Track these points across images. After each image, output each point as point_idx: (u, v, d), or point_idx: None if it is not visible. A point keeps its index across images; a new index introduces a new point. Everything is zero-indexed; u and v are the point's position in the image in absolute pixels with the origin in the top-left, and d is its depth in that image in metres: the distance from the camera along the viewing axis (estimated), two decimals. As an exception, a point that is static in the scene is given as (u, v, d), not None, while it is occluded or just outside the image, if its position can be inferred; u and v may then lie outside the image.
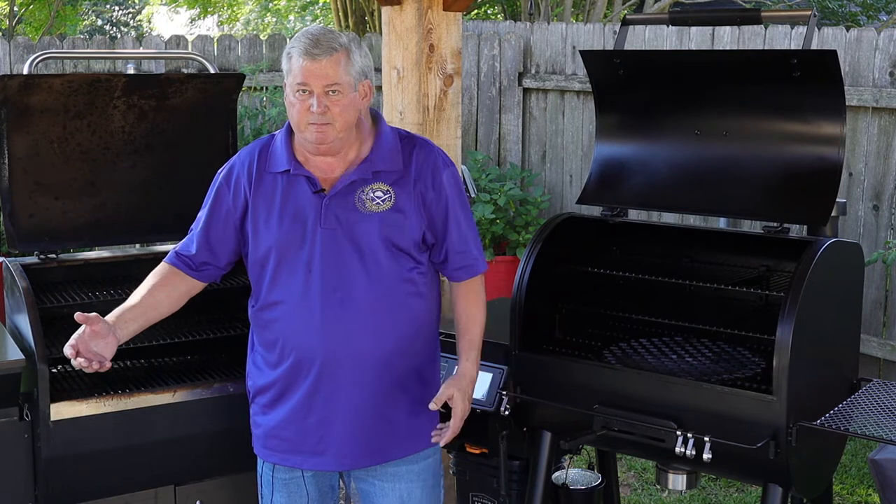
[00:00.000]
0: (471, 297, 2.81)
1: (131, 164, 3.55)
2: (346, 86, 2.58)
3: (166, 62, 7.06)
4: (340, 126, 2.60)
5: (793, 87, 2.86)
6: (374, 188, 2.67)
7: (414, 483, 2.79)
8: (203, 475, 3.30)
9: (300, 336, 2.68)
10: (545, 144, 7.46)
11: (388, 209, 2.66)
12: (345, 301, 2.64)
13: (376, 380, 2.69)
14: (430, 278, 2.78)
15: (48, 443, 3.03)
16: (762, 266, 3.16)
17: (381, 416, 2.71)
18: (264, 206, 2.70)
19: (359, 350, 2.66)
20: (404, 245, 2.68)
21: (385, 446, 2.74)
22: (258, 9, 16.62)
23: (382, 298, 2.66)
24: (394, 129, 2.78)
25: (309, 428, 2.72)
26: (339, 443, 2.71)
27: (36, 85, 3.28)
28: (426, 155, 2.73)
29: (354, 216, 2.65)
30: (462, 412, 2.74)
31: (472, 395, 2.79)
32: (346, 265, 2.65)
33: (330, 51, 2.56)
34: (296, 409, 2.72)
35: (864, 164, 5.67)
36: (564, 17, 9.25)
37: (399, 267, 2.68)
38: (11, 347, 3.17)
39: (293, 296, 2.68)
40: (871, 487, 4.70)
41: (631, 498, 4.64)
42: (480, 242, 2.84)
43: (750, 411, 2.64)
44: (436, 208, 2.71)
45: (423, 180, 2.70)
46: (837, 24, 9.72)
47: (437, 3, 3.52)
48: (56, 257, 3.45)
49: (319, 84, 2.56)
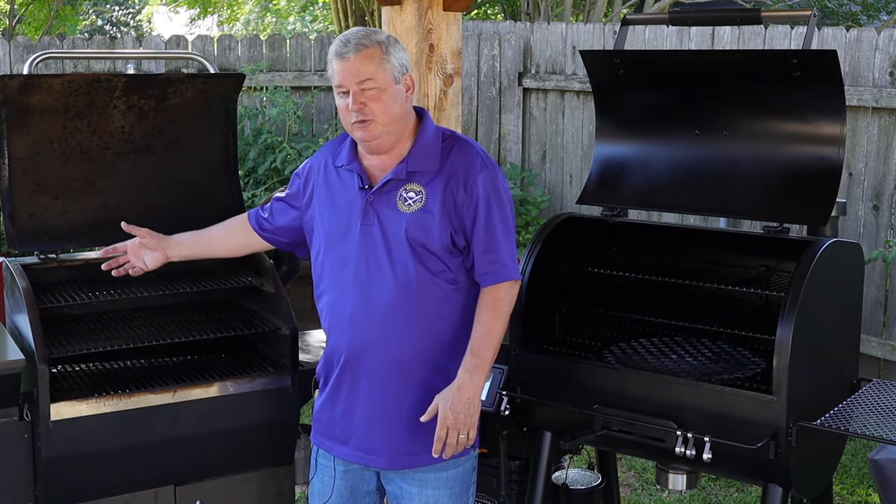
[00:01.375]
0: (486, 302, 2.68)
1: (131, 164, 3.55)
2: (384, 80, 2.60)
3: (166, 62, 7.06)
4: (384, 120, 2.62)
5: (793, 87, 2.86)
6: (408, 188, 2.68)
7: (441, 490, 2.76)
8: (203, 475, 3.30)
9: (334, 328, 2.77)
10: (545, 144, 7.46)
11: (417, 210, 2.66)
12: (370, 299, 2.67)
13: (397, 381, 2.69)
14: (462, 285, 2.71)
15: (48, 443, 3.03)
16: (762, 266, 3.16)
17: (401, 418, 2.70)
18: (326, 199, 2.79)
19: (379, 349, 2.68)
20: (432, 247, 2.65)
21: (408, 451, 2.73)
22: (258, 9, 16.62)
23: (406, 300, 2.65)
24: (437, 129, 2.76)
25: (336, 417, 2.80)
26: (361, 437, 2.75)
27: (36, 85, 3.28)
28: (464, 155, 2.70)
29: (391, 215, 2.67)
30: (444, 420, 2.62)
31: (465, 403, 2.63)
32: (376, 263, 2.67)
33: (360, 47, 2.60)
34: (328, 396, 2.83)
35: (864, 164, 5.67)
36: (564, 17, 9.25)
37: (426, 270, 2.66)
38: (11, 347, 3.17)
39: (333, 288, 2.76)
40: (871, 487, 4.70)
41: (631, 498, 4.64)
42: (516, 252, 2.74)
43: (750, 411, 2.64)
44: (466, 210, 2.67)
45: (456, 181, 2.67)
46: (837, 24, 9.72)
47: (437, 3, 3.52)
48: (56, 257, 3.45)
49: (352, 82, 2.60)
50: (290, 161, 6.72)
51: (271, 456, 3.37)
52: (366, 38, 2.63)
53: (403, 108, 2.67)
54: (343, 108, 2.64)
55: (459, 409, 2.63)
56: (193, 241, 3.07)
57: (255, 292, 3.56)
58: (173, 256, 3.03)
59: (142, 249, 2.99)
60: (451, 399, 2.64)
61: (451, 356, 2.72)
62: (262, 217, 3.00)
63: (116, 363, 3.50)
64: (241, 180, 4.24)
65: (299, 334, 3.42)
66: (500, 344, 2.71)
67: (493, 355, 2.69)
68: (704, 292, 3.14)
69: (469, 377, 2.65)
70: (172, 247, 3.02)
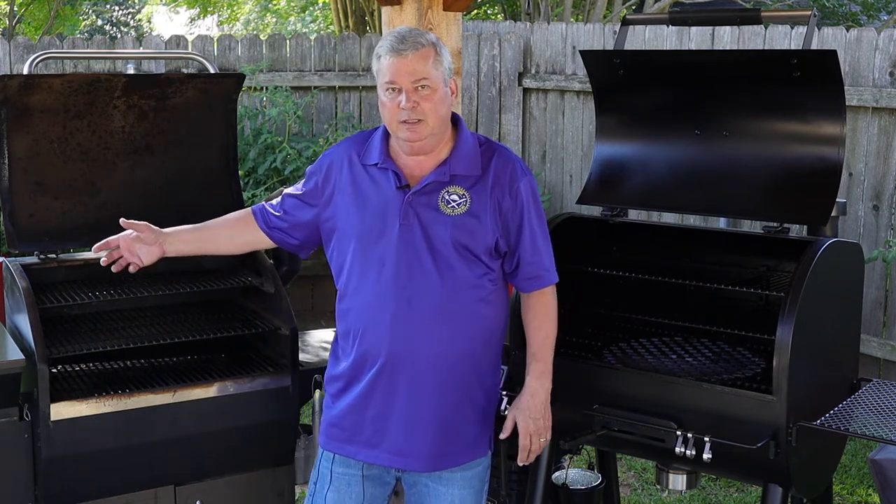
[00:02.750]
0: (539, 308, 2.76)
1: (131, 164, 3.55)
2: (437, 80, 2.60)
3: (166, 62, 7.06)
4: (434, 122, 2.61)
5: (793, 87, 2.86)
6: (451, 191, 2.67)
7: (466, 490, 2.78)
8: (203, 475, 3.30)
9: (369, 330, 2.69)
10: (545, 144, 7.46)
11: (462, 213, 2.65)
12: (413, 301, 2.64)
13: (436, 383, 2.68)
14: (500, 287, 2.74)
15: (48, 443, 3.03)
16: (762, 266, 3.16)
17: (439, 420, 2.70)
18: (353, 196, 2.73)
19: (422, 351, 2.65)
20: (476, 250, 2.66)
21: (445, 453, 2.73)
22: (258, 9, 16.61)
23: (451, 302, 2.65)
24: (473, 135, 2.77)
25: (366, 420, 2.73)
26: (394, 439, 2.71)
27: (36, 85, 3.28)
28: (505, 162, 2.72)
29: (433, 216, 2.65)
30: (527, 429, 2.73)
31: (541, 409, 2.74)
32: (418, 264, 2.64)
33: (417, 45, 2.58)
34: (357, 400, 2.73)
35: (864, 164, 5.67)
36: (564, 17, 9.25)
37: (470, 272, 2.66)
38: (11, 347, 3.17)
39: (366, 289, 2.69)
40: (871, 487, 4.70)
41: (631, 498, 4.64)
42: (553, 256, 2.79)
43: (750, 411, 2.64)
44: (511, 215, 2.69)
45: (501, 186, 2.68)
46: (837, 23, 9.72)
47: (437, 3, 3.52)
48: (56, 257, 3.45)
49: (408, 80, 2.58)
50: (290, 161, 6.72)
51: (271, 456, 3.38)
52: (422, 37, 2.61)
53: (449, 110, 2.67)
54: (392, 106, 2.60)
55: (538, 415, 2.74)
56: (193, 236, 2.88)
57: (255, 292, 3.57)
58: (170, 252, 2.83)
59: (137, 244, 2.79)
60: (528, 408, 2.73)
61: (487, 357, 2.74)
62: (271, 214, 2.85)
63: (116, 363, 3.50)
64: (241, 180, 4.24)
65: (299, 334, 3.42)
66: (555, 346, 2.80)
67: (553, 357, 2.78)
68: (704, 292, 3.14)
69: (539, 383, 2.75)
70: (170, 242, 2.82)
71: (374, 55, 2.65)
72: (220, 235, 2.90)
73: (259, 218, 2.87)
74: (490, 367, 2.76)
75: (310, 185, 2.81)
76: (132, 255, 2.78)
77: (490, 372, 2.76)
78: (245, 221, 2.89)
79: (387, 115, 2.63)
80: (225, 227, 2.91)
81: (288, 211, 2.83)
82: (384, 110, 2.63)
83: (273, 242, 2.89)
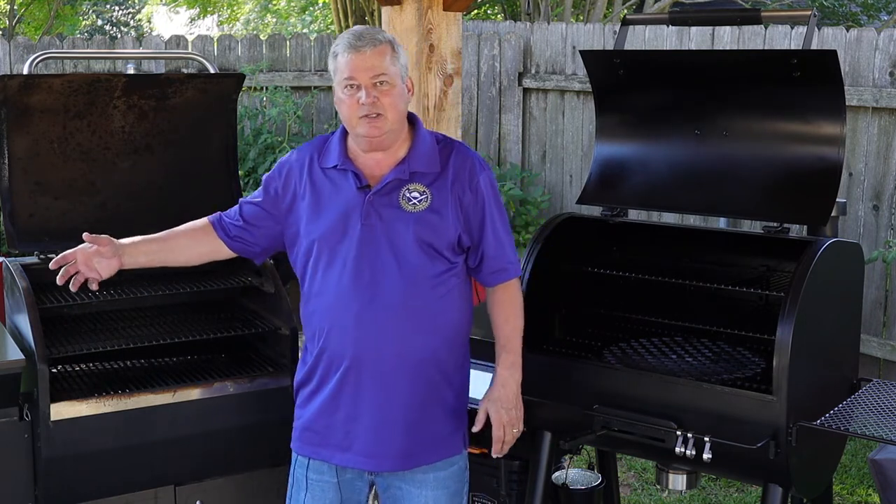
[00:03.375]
0: (506, 301, 2.78)
1: (131, 164, 3.56)
2: (395, 76, 2.62)
3: (166, 62, 7.06)
4: (393, 117, 2.62)
5: (793, 87, 2.86)
6: (412, 189, 2.68)
7: (440, 490, 2.77)
8: (203, 475, 3.30)
9: (334, 331, 2.69)
10: (545, 144, 7.46)
11: (424, 210, 2.66)
12: (376, 300, 2.65)
13: (403, 381, 2.68)
14: (463, 283, 2.76)
15: (48, 443, 3.03)
16: (762, 266, 3.16)
17: (409, 419, 2.70)
18: (313, 200, 2.73)
19: (387, 350, 2.65)
20: (440, 246, 2.67)
21: (414, 452, 2.73)
22: (258, 9, 16.62)
23: (414, 299, 2.65)
24: (430, 132, 2.79)
25: (336, 423, 2.73)
26: (365, 441, 2.71)
27: (36, 85, 3.28)
28: (464, 158, 2.74)
29: (395, 214, 2.66)
30: (500, 420, 2.73)
31: (513, 399, 2.75)
32: (381, 263, 2.65)
33: (374, 42, 2.60)
34: (326, 402, 2.73)
35: (864, 164, 5.67)
36: (564, 17, 9.25)
37: (433, 268, 2.67)
38: (11, 347, 3.17)
39: (330, 291, 2.69)
40: (871, 487, 4.70)
41: (631, 498, 4.64)
42: (515, 247, 2.82)
43: (750, 411, 2.64)
44: (473, 210, 2.70)
45: (461, 182, 2.70)
46: (837, 24, 9.72)
47: (437, 3, 3.52)
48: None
49: (366, 76, 2.59)
50: (290, 161, 6.72)
51: (271, 456, 3.38)
52: (379, 34, 2.64)
53: (406, 107, 2.69)
54: (351, 102, 2.61)
55: (511, 405, 2.75)
56: (152, 248, 2.80)
57: (255, 292, 3.57)
58: (129, 264, 2.76)
59: (95, 257, 2.69)
60: (500, 399, 2.74)
61: (453, 353, 2.75)
62: (230, 224, 2.82)
63: (116, 363, 3.50)
64: (241, 180, 4.25)
65: (299, 334, 3.42)
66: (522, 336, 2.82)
67: (521, 348, 2.79)
68: (704, 292, 3.14)
69: (510, 373, 2.76)
70: (129, 254, 2.75)
71: (331, 54, 2.65)
72: (179, 246, 2.84)
73: (218, 228, 2.83)
74: (457, 363, 2.76)
75: (269, 193, 2.80)
76: (90, 270, 2.69)
77: (457, 368, 2.77)
78: (204, 231, 2.84)
79: (345, 112, 2.64)
80: (184, 237, 2.85)
81: (248, 220, 2.81)
82: (342, 107, 2.64)
83: (233, 252, 2.85)
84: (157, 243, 2.81)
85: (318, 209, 2.72)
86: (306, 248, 2.74)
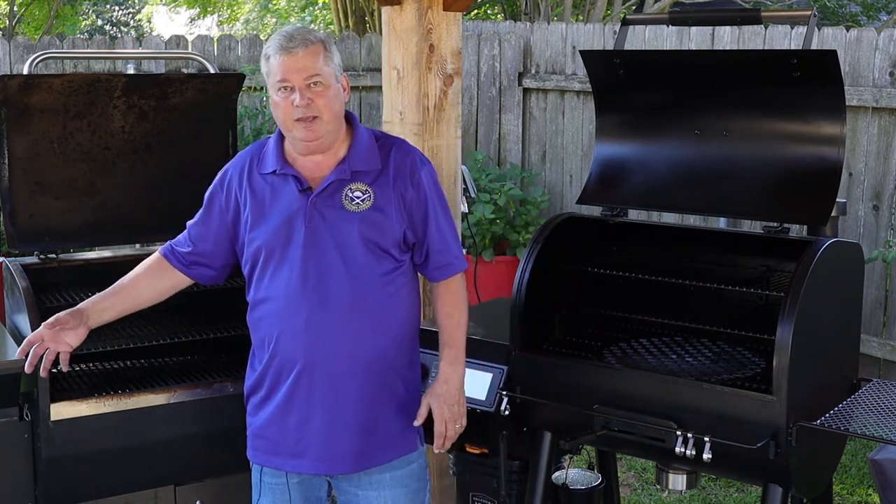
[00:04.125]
0: (449, 296, 2.77)
1: (131, 164, 3.56)
2: (328, 77, 2.58)
3: (166, 62, 7.06)
4: (328, 118, 2.59)
5: (793, 87, 2.86)
6: (354, 188, 2.65)
7: (398, 489, 2.76)
8: (203, 475, 3.30)
9: (284, 336, 2.67)
10: (545, 144, 7.46)
11: (367, 209, 2.64)
12: (325, 302, 2.63)
13: (354, 382, 2.67)
14: (410, 280, 2.75)
15: (48, 443, 3.03)
16: (762, 266, 3.15)
17: (361, 420, 2.69)
18: (256, 207, 2.70)
19: (338, 352, 2.64)
20: (385, 244, 2.66)
21: (366, 452, 2.72)
22: (258, 9, 16.61)
23: (362, 300, 2.64)
24: (369, 130, 2.76)
25: (289, 429, 2.71)
26: (318, 445, 2.69)
27: (36, 85, 3.28)
28: (404, 154, 2.72)
29: (339, 215, 2.64)
30: (442, 416, 2.71)
31: (456, 395, 2.73)
32: (327, 266, 2.63)
33: (306, 42, 2.57)
34: (278, 409, 2.72)
35: (864, 164, 5.67)
36: (564, 17, 9.25)
37: (380, 267, 2.66)
38: (11, 347, 3.18)
39: (278, 295, 2.68)
40: (871, 487, 4.70)
41: (631, 498, 4.64)
42: (460, 241, 2.82)
43: (750, 411, 2.64)
44: (416, 206, 2.69)
45: (402, 179, 2.68)
46: (837, 24, 9.72)
47: (437, 3, 3.52)
48: (56, 257, 3.45)
49: (299, 77, 2.56)
50: (290, 161, 6.73)
51: (271, 456, 3.37)
52: (310, 35, 2.60)
53: (342, 107, 2.66)
54: (286, 105, 2.57)
55: (453, 401, 2.73)
56: (113, 302, 2.77)
57: (255, 292, 3.56)
58: (95, 324, 2.73)
59: (61, 332, 2.65)
60: (442, 394, 2.72)
61: (403, 351, 2.75)
62: (183, 252, 2.81)
63: (116, 363, 3.51)
64: (241, 180, 4.24)
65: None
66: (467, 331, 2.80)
67: (465, 343, 2.78)
68: (704, 292, 3.14)
69: (452, 368, 2.75)
70: (93, 316, 2.72)
71: (263, 56, 2.63)
72: (140, 290, 2.82)
73: (172, 259, 2.82)
74: (407, 360, 2.75)
75: (214, 209, 2.78)
76: (59, 343, 2.65)
77: (407, 365, 2.76)
78: (160, 267, 2.82)
79: (280, 115, 2.61)
80: (143, 279, 2.82)
81: (197, 242, 2.80)
82: (277, 110, 2.61)
83: (192, 279, 2.84)
84: (118, 295, 2.78)
85: (260, 215, 2.69)
86: (252, 255, 2.72)
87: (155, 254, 2.85)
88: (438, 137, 3.60)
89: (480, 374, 3.04)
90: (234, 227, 2.76)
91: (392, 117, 3.64)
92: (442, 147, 3.63)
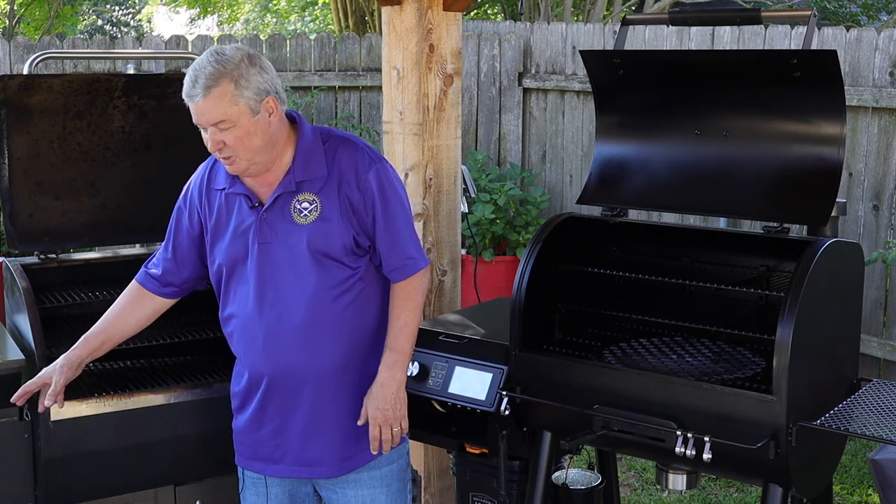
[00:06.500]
0: (398, 296, 2.73)
1: (131, 164, 3.55)
2: (236, 116, 2.51)
3: (166, 62, 7.06)
4: (246, 155, 2.56)
5: (793, 87, 2.86)
6: (301, 199, 2.62)
7: (377, 489, 2.78)
8: (203, 475, 3.30)
9: (249, 353, 2.70)
10: (545, 144, 7.46)
11: (315, 220, 2.61)
12: (282, 317, 2.63)
13: (327, 391, 2.68)
14: (371, 283, 2.72)
15: (48, 443, 3.03)
16: (762, 266, 3.15)
17: (336, 427, 2.70)
18: (214, 223, 2.72)
19: (302, 366, 2.65)
20: (335, 254, 2.62)
21: (346, 456, 2.73)
22: (258, 9, 16.61)
23: (318, 312, 2.63)
24: (315, 131, 2.69)
25: (264, 437, 2.75)
26: (297, 452, 2.72)
27: (36, 85, 3.28)
28: (350, 155, 2.66)
29: (288, 228, 2.62)
30: (375, 419, 2.68)
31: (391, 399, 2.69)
32: (282, 281, 2.62)
33: (206, 88, 2.50)
34: (252, 418, 2.76)
35: (864, 164, 5.67)
36: (564, 17, 9.25)
37: (332, 279, 2.63)
38: (11, 347, 3.17)
39: (241, 312, 2.69)
40: (871, 487, 4.70)
41: (631, 498, 4.64)
42: (418, 240, 2.77)
43: (750, 411, 2.64)
44: (363, 208, 2.64)
45: (348, 182, 2.63)
46: (837, 24, 9.72)
47: (437, 3, 3.52)
48: (56, 257, 3.45)
49: (206, 123, 2.54)
50: (290, 161, 6.73)
51: (271, 456, 3.37)
52: (213, 77, 2.49)
53: (266, 136, 2.57)
54: (206, 142, 2.58)
55: (386, 405, 2.69)
56: (103, 339, 2.84)
57: (255, 292, 3.56)
58: (88, 360, 2.84)
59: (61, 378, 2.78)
60: (377, 398, 2.69)
61: (371, 354, 2.73)
62: (156, 275, 2.85)
63: (116, 363, 3.50)
64: (241, 180, 4.23)
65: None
66: (416, 333, 2.76)
67: (411, 345, 2.74)
68: (704, 292, 3.14)
69: (390, 373, 2.71)
70: (84, 356, 2.81)
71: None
72: (125, 322, 2.87)
73: (149, 285, 2.85)
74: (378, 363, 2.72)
75: (181, 227, 2.80)
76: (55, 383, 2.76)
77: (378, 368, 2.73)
78: (139, 295, 2.87)
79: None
80: (127, 310, 2.86)
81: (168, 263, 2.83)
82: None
83: (173, 298, 2.88)
84: (105, 333, 2.84)
85: (218, 231, 2.71)
86: (216, 273, 2.74)
87: (132, 283, 2.88)
88: (438, 137, 3.60)
89: (480, 374, 3.04)
90: (201, 242, 2.78)
91: (392, 117, 3.64)
92: (442, 147, 3.64)
